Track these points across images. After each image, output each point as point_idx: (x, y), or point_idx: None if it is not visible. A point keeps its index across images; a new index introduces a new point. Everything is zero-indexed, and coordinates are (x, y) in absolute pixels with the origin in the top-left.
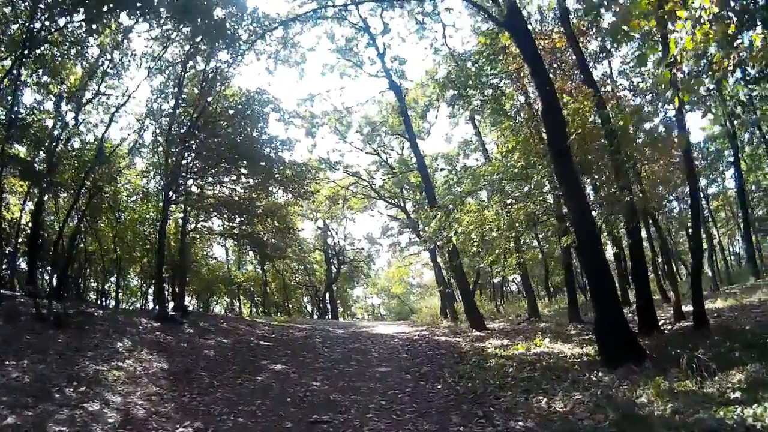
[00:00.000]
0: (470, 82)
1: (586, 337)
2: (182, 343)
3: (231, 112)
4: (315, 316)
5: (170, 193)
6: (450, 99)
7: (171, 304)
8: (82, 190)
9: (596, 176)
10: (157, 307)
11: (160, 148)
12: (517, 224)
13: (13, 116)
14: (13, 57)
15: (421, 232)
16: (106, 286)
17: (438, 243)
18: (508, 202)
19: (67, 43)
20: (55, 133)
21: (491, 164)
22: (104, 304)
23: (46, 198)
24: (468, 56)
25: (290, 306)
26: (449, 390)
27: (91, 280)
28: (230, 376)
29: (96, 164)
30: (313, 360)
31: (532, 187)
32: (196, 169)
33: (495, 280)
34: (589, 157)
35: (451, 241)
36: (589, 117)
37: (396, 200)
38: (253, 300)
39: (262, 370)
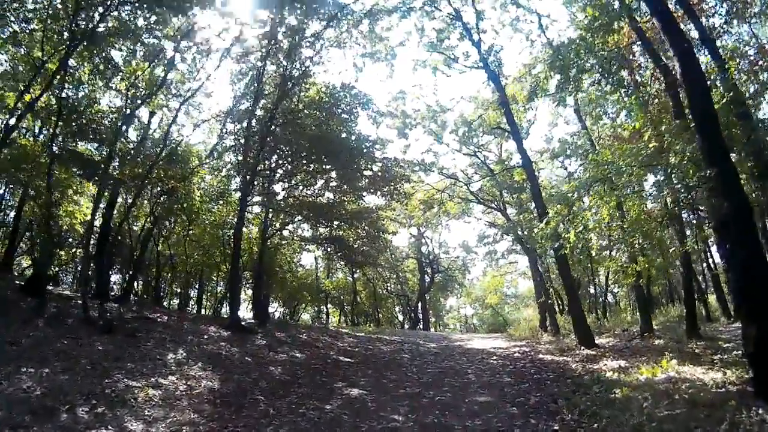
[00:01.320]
0: (578, 61)
1: (715, 357)
2: (247, 356)
3: (316, 110)
4: (406, 327)
5: (247, 193)
6: (556, 84)
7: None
8: (154, 191)
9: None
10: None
11: (241, 148)
12: (642, 223)
13: (66, 110)
14: (64, 51)
15: (522, 238)
16: (190, 292)
17: (553, 246)
18: (647, 192)
19: (126, 35)
20: (130, 133)
21: (616, 148)
22: (185, 309)
23: (118, 199)
24: (568, 44)
25: (380, 315)
26: None
27: (175, 286)
28: (293, 402)
29: (160, 160)
30: (398, 383)
31: (671, 171)
32: (282, 171)
33: (591, 290)
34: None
35: (569, 243)
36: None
37: (495, 203)
38: (342, 309)
39: (333, 396)
